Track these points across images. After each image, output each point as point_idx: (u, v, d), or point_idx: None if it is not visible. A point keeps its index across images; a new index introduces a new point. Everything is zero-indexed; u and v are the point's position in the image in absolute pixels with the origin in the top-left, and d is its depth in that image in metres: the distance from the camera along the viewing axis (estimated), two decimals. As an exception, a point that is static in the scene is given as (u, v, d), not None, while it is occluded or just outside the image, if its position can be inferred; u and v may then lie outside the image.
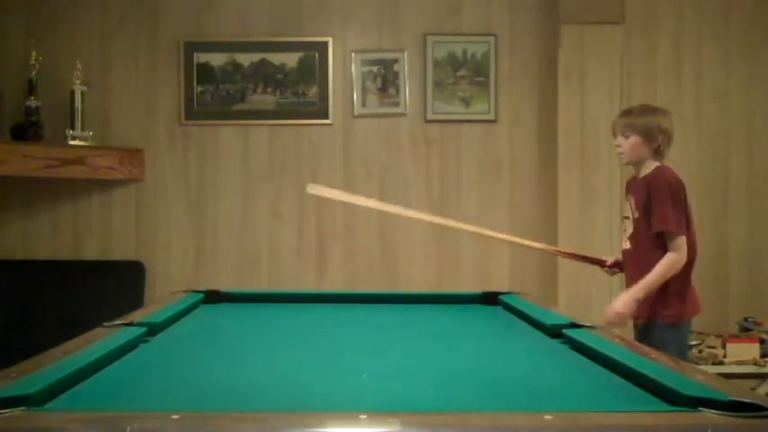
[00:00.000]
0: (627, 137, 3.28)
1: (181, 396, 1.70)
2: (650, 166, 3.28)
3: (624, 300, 3.18)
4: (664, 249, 3.17)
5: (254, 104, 5.22)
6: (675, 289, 3.19)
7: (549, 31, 5.14)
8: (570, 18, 4.99)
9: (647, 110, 3.40)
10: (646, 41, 5.18)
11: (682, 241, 3.15)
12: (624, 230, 3.37)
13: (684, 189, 3.22)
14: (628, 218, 3.33)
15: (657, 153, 3.28)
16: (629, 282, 3.31)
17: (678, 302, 3.20)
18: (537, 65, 5.21)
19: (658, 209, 3.17)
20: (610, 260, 3.50)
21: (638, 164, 3.31)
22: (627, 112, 3.40)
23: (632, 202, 3.30)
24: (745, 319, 4.98)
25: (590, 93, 4.98)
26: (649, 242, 3.21)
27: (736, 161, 5.19)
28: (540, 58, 5.19)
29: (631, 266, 3.32)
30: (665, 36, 5.20)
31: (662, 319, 3.20)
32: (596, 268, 3.65)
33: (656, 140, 3.26)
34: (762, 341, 4.78)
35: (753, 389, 4.20)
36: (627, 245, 3.32)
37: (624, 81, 5.00)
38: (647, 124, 3.27)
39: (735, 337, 4.81)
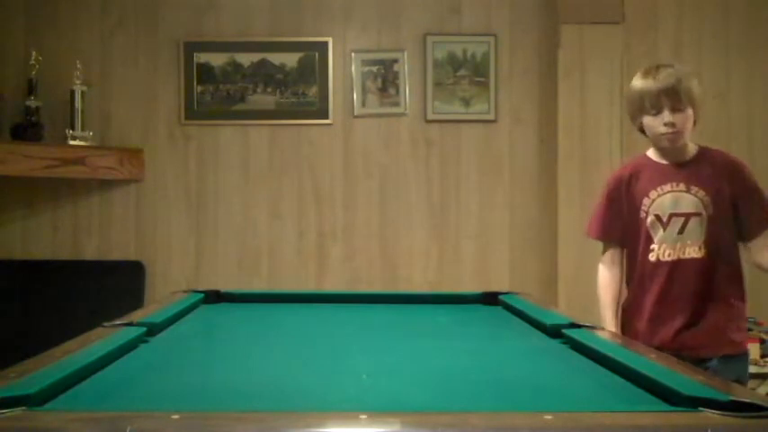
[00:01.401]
0: (683, 110, 2.53)
1: (181, 396, 1.70)
2: (693, 147, 2.67)
3: None
4: (737, 252, 2.68)
5: (254, 104, 5.22)
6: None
7: (549, 30, 5.14)
8: (570, 18, 4.99)
9: (684, 69, 2.63)
10: (646, 41, 5.18)
11: None
12: (681, 233, 2.63)
13: None
14: (697, 214, 2.63)
15: (694, 127, 2.62)
16: (690, 298, 2.68)
17: (742, 330, 2.78)
18: (537, 65, 5.21)
19: (762, 199, 2.61)
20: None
21: (682, 146, 2.64)
22: (666, 75, 2.55)
23: (701, 194, 2.61)
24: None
25: (590, 92, 4.98)
26: (728, 246, 2.65)
27: (736, 161, 5.18)
28: (540, 58, 5.19)
29: (703, 280, 2.68)
30: (665, 36, 5.20)
31: (744, 347, 2.80)
32: (596, 268, 3.57)
33: (699, 112, 2.60)
34: (762, 341, 4.78)
35: (753, 389, 4.20)
36: (696, 253, 2.64)
37: (624, 81, 5.00)
38: (700, 92, 2.57)
39: (735, 337, 4.81)
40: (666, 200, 2.65)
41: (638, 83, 2.64)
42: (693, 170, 2.64)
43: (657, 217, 2.66)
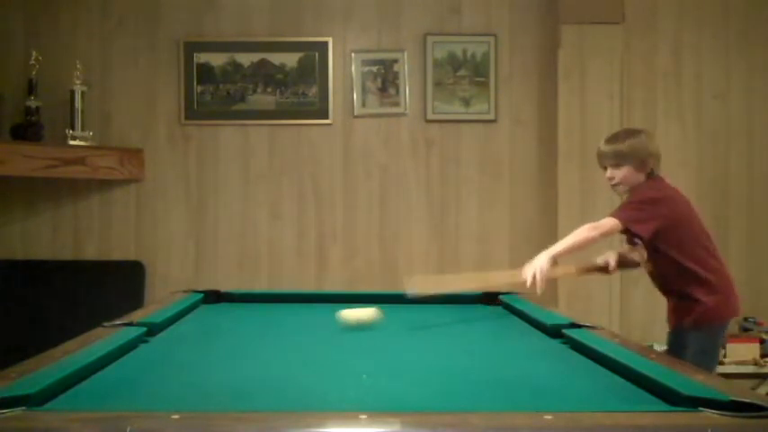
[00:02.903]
0: (618, 167, 3.16)
1: (181, 396, 1.70)
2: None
3: (539, 257, 3.03)
4: (679, 259, 3.09)
5: (254, 104, 5.22)
6: (689, 293, 3.11)
7: (549, 31, 5.14)
8: (570, 18, 4.99)
9: (632, 135, 3.24)
10: (646, 41, 5.18)
11: (611, 223, 3.04)
12: (638, 248, 3.26)
13: (656, 197, 3.09)
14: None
15: (650, 176, 3.17)
16: (665, 297, 3.26)
17: (695, 307, 3.10)
18: (537, 65, 5.21)
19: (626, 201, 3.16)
20: (612, 263, 3.30)
21: (631, 187, 3.20)
22: (612, 141, 3.23)
23: None
24: (745, 319, 4.99)
25: (590, 93, 4.98)
26: (659, 261, 3.14)
27: (736, 161, 5.19)
28: (540, 58, 5.19)
29: (658, 285, 3.27)
30: (665, 36, 5.19)
31: (680, 324, 3.16)
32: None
33: (647, 165, 3.15)
34: (762, 341, 4.79)
35: (753, 389, 4.21)
36: (647, 268, 3.25)
37: (624, 81, 5.00)
38: (637, 150, 3.14)
39: (735, 337, 4.82)
40: None
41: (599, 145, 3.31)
42: None
43: None
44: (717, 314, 3.14)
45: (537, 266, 3.00)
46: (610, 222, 3.05)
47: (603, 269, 3.30)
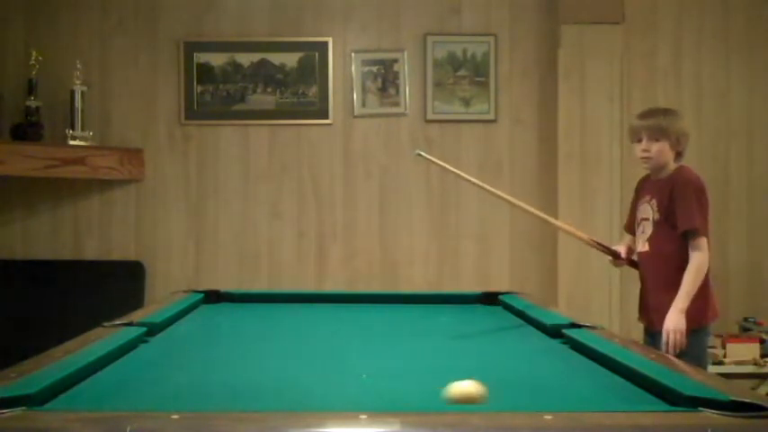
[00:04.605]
0: (657, 141, 3.16)
1: (181, 396, 1.70)
2: (671, 168, 3.21)
3: (673, 318, 3.03)
4: (684, 250, 3.09)
5: (254, 104, 5.22)
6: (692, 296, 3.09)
7: (549, 31, 5.14)
8: (570, 18, 4.99)
9: (671, 113, 3.28)
10: (646, 41, 5.18)
11: (704, 241, 3.09)
12: (642, 232, 3.23)
13: (706, 190, 3.16)
14: (647, 219, 3.22)
15: (679, 157, 3.21)
16: (646, 283, 3.25)
17: (694, 309, 3.07)
18: (537, 65, 5.20)
19: (684, 208, 3.10)
20: (623, 252, 3.33)
21: (660, 168, 3.21)
22: (651, 115, 3.25)
23: (654, 203, 3.20)
24: (745, 319, 4.99)
25: (590, 93, 4.97)
26: (669, 244, 3.12)
27: (736, 161, 5.19)
28: (540, 58, 5.19)
29: (650, 269, 3.23)
30: (665, 36, 5.19)
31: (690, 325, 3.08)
32: (598, 267, 3.60)
33: (681, 145, 3.19)
34: (762, 341, 4.79)
35: (753, 389, 4.21)
36: (645, 247, 3.21)
37: (624, 81, 5.00)
38: (676, 128, 3.18)
39: (735, 337, 4.81)
40: (641, 207, 3.30)
41: (632, 120, 3.40)
42: (660, 186, 3.21)
43: (640, 219, 3.32)
44: (710, 315, 3.16)
45: (675, 328, 3.01)
46: (703, 246, 3.10)
47: (614, 254, 3.35)
